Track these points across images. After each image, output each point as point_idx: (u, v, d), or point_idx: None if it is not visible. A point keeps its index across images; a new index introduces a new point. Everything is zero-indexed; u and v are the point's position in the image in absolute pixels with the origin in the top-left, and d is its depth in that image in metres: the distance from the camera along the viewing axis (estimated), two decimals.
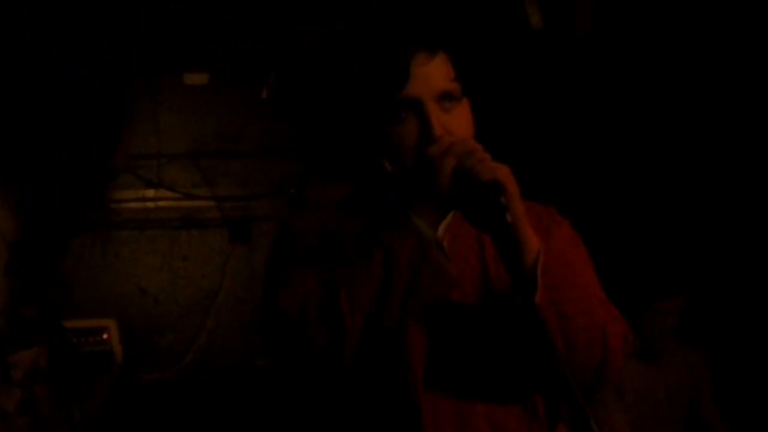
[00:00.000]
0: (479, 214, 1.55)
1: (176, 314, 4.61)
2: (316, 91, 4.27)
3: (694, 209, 4.15)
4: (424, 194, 1.56)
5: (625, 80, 4.21)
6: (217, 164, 4.72)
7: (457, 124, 1.61)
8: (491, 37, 3.54)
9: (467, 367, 1.61)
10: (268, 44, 4.19)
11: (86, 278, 4.53)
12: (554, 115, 4.38)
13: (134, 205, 4.63)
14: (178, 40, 4.23)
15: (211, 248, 4.68)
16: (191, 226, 4.66)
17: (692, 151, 4.13)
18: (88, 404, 2.42)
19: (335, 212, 1.74)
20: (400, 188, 1.63)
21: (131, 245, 4.61)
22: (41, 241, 1.92)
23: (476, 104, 1.68)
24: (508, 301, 1.59)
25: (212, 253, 4.68)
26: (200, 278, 4.65)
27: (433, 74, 1.60)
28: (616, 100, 4.29)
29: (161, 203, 4.66)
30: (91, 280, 4.54)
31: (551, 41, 3.71)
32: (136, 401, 2.43)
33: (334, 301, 1.51)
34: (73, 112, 1.89)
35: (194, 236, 4.67)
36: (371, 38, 1.66)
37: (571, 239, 1.74)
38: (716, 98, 3.98)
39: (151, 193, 4.64)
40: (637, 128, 4.28)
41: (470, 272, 1.66)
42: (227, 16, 3.90)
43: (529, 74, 4.14)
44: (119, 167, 1.97)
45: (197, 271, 4.65)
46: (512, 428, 1.62)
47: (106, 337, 3.12)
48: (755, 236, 3.97)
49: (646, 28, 3.92)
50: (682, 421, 3.79)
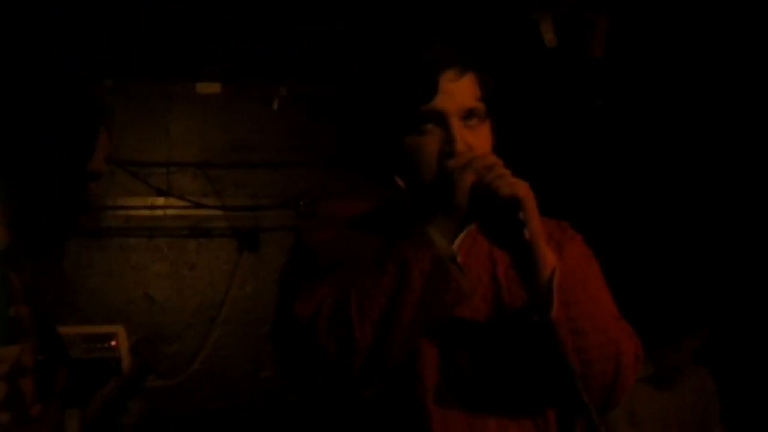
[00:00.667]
0: (497, 229, 1.56)
1: (183, 323, 4.61)
2: (337, 97, 4.29)
3: (713, 226, 4.13)
4: (441, 207, 1.55)
5: (639, 96, 4.21)
6: (226, 174, 4.73)
7: (478, 142, 1.62)
8: (513, 57, 3.55)
9: (479, 381, 1.61)
10: (282, 52, 4.19)
11: (94, 284, 4.54)
12: (569, 130, 4.39)
13: (143, 212, 4.64)
14: (191, 48, 4.24)
15: (218, 257, 4.69)
16: (199, 235, 4.67)
17: (706, 170, 4.13)
18: (91, 409, 2.43)
19: (352, 226, 1.75)
20: (417, 201, 1.64)
21: (139, 253, 4.62)
22: (31, 245, 1.94)
23: (498, 123, 1.69)
24: (519, 317, 1.59)
25: (220, 262, 4.68)
26: (207, 287, 4.66)
27: (460, 91, 1.62)
28: (630, 115, 4.29)
29: (170, 212, 4.67)
30: (98, 286, 4.54)
31: (565, 60, 3.72)
32: (140, 408, 2.42)
33: (344, 310, 1.51)
34: (49, 115, 1.91)
35: (202, 245, 4.68)
36: (404, 48, 1.67)
37: (584, 255, 1.74)
38: (733, 117, 3.99)
39: (160, 201, 4.65)
40: (654, 143, 4.28)
41: (482, 288, 1.66)
42: (241, 24, 3.91)
43: (544, 92, 4.15)
44: (97, 171, 1.98)
45: (204, 280, 4.66)
46: None
47: (114, 343, 3.11)
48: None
49: (660, 46, 3.93)
50: None
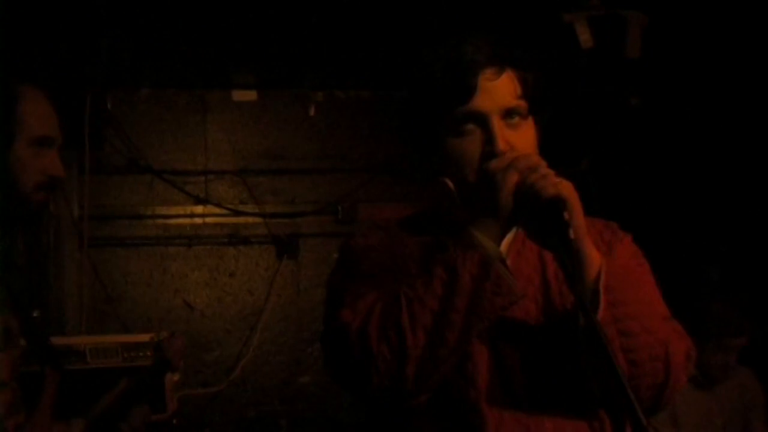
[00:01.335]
0: (541, 230, 1.55)
1: (223, 330, 4.63)
2: (373, 101, 4.29)
3: (753, 225, 4.09)
4: (485, 209, 1.55)
5: (677, 96, 4.19)
6: (264, 181, 4.75)
7: (520, 141, 1.61)
8: (552, 55, 3.54)
9: (532, 382, 1.60)
10: (318, 57, 4.21)
11: (133, 294, 4.57)
12: (598, 139, 4.38)
13: (182, 221, 4.67)
14: (227, 56, 4.27)
15: (257, 264, 4.70)
16: (238, 242, 4.69)
17: (746, 172, 4.09)
18: (133, 419, 2.43)
19: (397, 232, 1.74)
20: (461, 203, 1.63)
21: (179, 261, 4.64)
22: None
23: (540, 122, 1.68)
24: (570, 318, 1.58)
25: (259, 269, 4.70)
26: (247, 294, 4.67)
27: (500, 90, 1.61)
28: (668, 115, 4.27)
29: (209, 219, 4.69)
30: (138, 295, 4.57)
31: (602, 60, 3.70)
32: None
33: (395, 317, 1.50)
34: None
35: (241, 252, 4.69)
36: (440, 49, 1.67)
37: (633, 255, 1.73)
38: None
39: (199, 209, 4.67)
40: (693, 145, 4.25)
41: (533, 289, 1.66)
42: (276, 30, 3.93)
43: (580, 93, 4.14)
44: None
45: (244, 287, 4.67)
46: None
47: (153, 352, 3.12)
48: None
49: (696, 46, 3.90)
50: None
